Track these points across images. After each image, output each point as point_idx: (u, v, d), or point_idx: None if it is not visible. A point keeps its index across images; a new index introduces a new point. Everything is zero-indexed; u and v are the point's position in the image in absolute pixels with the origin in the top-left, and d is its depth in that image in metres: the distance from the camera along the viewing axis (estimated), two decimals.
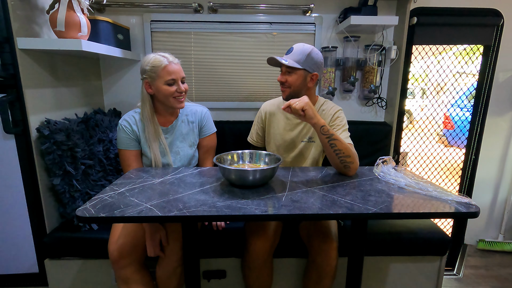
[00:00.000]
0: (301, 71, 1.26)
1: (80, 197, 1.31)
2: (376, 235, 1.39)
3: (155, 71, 1.20)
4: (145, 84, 1.24)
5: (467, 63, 1.94)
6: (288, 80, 1.27)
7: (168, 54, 1.25)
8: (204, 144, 1.41)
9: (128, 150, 1.28)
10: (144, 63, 1.23)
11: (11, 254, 1.36)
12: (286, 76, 1.28)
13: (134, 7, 1.73)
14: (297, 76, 1.27)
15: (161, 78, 1.21)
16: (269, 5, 1.74)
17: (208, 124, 1.41)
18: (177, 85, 1.23)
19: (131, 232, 1.18)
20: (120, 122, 1.28)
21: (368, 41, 1.81)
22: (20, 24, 1.19)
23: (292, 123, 1.41)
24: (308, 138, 1.39)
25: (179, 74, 1.24)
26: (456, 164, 2.07)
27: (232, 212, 0.82)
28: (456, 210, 0.83)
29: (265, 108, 1.48)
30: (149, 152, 1.29)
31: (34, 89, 1.27)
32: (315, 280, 1.23)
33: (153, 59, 1.21)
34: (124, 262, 1.14)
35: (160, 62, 1.20)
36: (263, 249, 1.20)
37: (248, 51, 1.82)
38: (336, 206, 0.85)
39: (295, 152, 1.41)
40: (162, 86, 1.21)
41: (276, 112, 1.45)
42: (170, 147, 1.33)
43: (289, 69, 1.26)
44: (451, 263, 1.93)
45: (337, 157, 1.12)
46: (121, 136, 1.27)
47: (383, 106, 1.91)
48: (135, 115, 1.31)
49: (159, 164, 1.30)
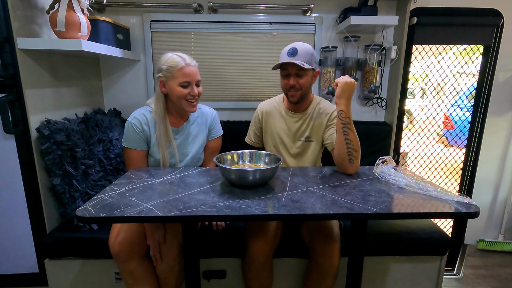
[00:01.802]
0: (310, 71, 1.28)
1: (80, 197, 1.31)
2: (376, 235, 1.39)
3: (171, 71, 1.18)
4: (160, 82, 1.23)
5: (467, 63, 1.94)
6: (300, 82, 1.27)
7: (187, 55, 1.23)
8: (210, 146, 1.41)
9: (135, 150, 1.25)
10: (161, 62, 1.21)
11: (11, 254, 1.36)
12: (297, 79, 1.27)
13: (134, 7, 1.73)
14: (308, 76, 1.28)
15: (176, 79, 1.19)
16: (269, 5, 1.74)
17: (217, 126, 1.41)
18: (191, 88, 1.21)
19: (130, 227, 1.18)
20: (130, 119, 1.24)
21: (368, 41, 1.81)
22: (20, 24, 1.19)
23: (290, 122, 1.41)
24: (306, 138, 1.40)
25: (194, 77, 1.21)
26: (456, 164, 2.07)
27: (232, 212, 0.82)
28: (456, 210, 0.83)
29: (261, 108, 1.48)
30: (158, 153, 1.27)
31: (34, 89, 1.27)
32: (316, 280, 1.23)
33: (171, 58, 1.19)
34: (126, 256, 1.14)
35: (177, 63, 1.18)
36: (263, 250, 1.20)
37: (248, 51, 1.82)
38: (336, 206, 0.85)
39: (293, 151, 1.42)
40: (176, 87, 1.20)
41: (272, 111, 1.45)
42: (179, 148, 1.32)
43: (301, 71, 1.26)
44: (451, 263, 1.92)
45: (346, 147, 1.14)
46: (130, 135, 1.24)
47: (383, 106, 1.91)
48: (146, 113, 1.27)
49: (166, 165, 1.29)
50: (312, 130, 1.39)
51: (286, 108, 1.42)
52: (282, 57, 1.29)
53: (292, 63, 1.23)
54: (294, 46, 1.26)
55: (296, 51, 1.24)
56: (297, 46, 1.26)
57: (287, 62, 1.24)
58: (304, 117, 1.39)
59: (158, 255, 1.17)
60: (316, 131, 1.38)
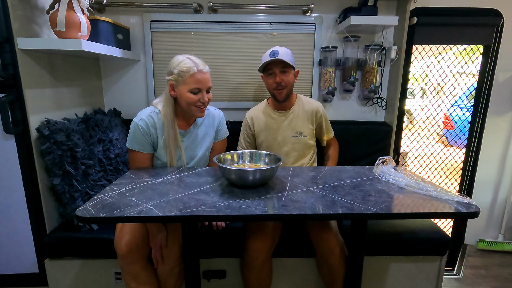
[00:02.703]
0: (292, 69, 1.41)
1: (80, 197, 1.31)
2: (376, 235, 1.39)
3: (182, 75, 1.14)
4: (169, 86, 1.19)
5: (467, 63, 1.94)
6: (285, 80, 1.39)
7: (199, 60, 1.19)
8: (216, 147, 1.40)
9: (140, 153, 1.22)
10: (172, 65, 1.17)
11: (11, 254, 1.36)
12: (283, 77, 1.38)
13: (134, 7, 1.73)
14: (291, 74, 1.41)
15: (187, 84, 1.15)
16: (269, 5, 1.74)
17: (224, 128, 1.41)
18: (202, 94, 1.18)
19: (136, 228, 1.18)
20: (137, 121, 1.19)
21: (368, 41, 1.80)
22: (20, 24, 1.19)
23: (279, 121, 1.50)
24: (298, 133, 1.48)
25: (206, 84, 1.18)
26: (456, 164, 2.07)
27: (232, 212, 0.82)
28: (456, 210, 0.83)
29: (249, 114, 1.56)
30: (164, 156, 1.25)
31: (34, 89, 1.27)
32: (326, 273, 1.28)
33: (183, 63, 1.15)
34: (132, 258, 1.14)
35: (189, 68, 1.14)
36: (262, 249, 1.20)
37: (248, 51, 1.82)
38: (336, 206, 0.85)
39: (287, 148, 1.48)
40: (185, 93, 1.16)
41: (260, 115, 1.53)
42: (186, 151, 1.30)
43: (285, 69, 1.38)
44: (451, 263, 1.93)
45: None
46: (137, 137, 1.20)
47: (383, 106, 1.91)
48: (153, 115, 1.22)
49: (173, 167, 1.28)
50: (303, 125, 1.50)
51: (273, 109, 1.52)
52: (265, 59, 1.38)
53: (277, 61, 1.34)
54: (274, 49, 1.37)
55: (277, 52, 1.35)
56: (277, 49, 1.37)
57: (271, 61, 1.35)
58: (292, 114, 1.50)
59: (160, 257, 1.17)
60: (306, 125, 1.50)
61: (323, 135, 1.57)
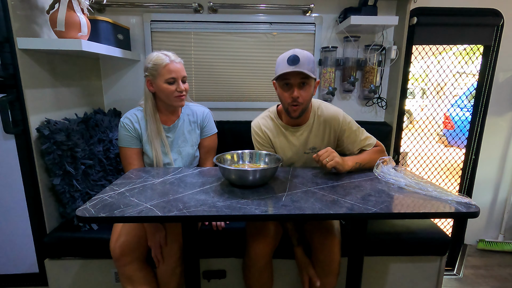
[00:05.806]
0: (313, 81, 1.14)
1: (80, 197, 1.31)
2: (376, 235, 1.39)
3: (156, 69, 1.21)
4: (147, 82, 1.25)
5: (467, 63, 1.94)
6: (303, 95, 1.11)
7: (171, 53, 1.25)
8: (205, 144, 1.42)
9: (129, 148, 1.28)
10: (147, 61, 1.24)
11: (11, 254, 1.36)
12: (302, 91, 1.11)
13: (134, 7, 1.73)
14: (310, 87, 1.13)
15: (162, 76, 1.21)
16: (269, 5, 1.74)
17: (210, 124, 1.41)
18: (177, 84, 1.23)
19: (132, 230, 1.18)
20: (121, 120, 1.28)
21: (368, 41, 1.80)
22: (20, 24, 1.19)
23: (292, 138, 1.29)
24: (311, 149, 1.30)
25: (179, 73, 1.24)
26: (456, 164, 2.07)
27: (232, 212, 0.82)
28: (456, 210, 0.83)
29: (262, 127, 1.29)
30: (150, 151, 1.29)
31: (34, 89, 1.27)
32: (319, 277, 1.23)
33: (156, 57, 1.22)
34: (127, 260, 1.15)
35: (162, 60, 1.21)
36: (263, 252, 1.20)
37: (248, 51, 1.82)
38: (336, 206, 0.85)
39: (298, 164, 1.35)
40: (162, 84, 1.22)
41: (273, 129, 1.29)
42: (172, 146, 1.34)
43: (305, 79, 1.10)
44: (451, 263, 1.92)
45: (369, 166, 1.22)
46: (123, 134, 1.27)
47: (383, 106, 1.91)
48: (137, 113, 1.31)
49: (160, 163, 1.30)
50: (317, 140, 1.28)
51: (285, 123, 1.27)
52: (281, 66, 1.10)
53: (295, 71, 1.06)
54: (294, 54, 1.07)
55: (298, 59, 1.06)
56: (298, 54, 1.07)
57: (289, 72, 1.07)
58: (307, 129, 1.27)
59: (160, 256, 1.17)
60: (321, 138, 1.28)
61: (354, 148, 1.26)
